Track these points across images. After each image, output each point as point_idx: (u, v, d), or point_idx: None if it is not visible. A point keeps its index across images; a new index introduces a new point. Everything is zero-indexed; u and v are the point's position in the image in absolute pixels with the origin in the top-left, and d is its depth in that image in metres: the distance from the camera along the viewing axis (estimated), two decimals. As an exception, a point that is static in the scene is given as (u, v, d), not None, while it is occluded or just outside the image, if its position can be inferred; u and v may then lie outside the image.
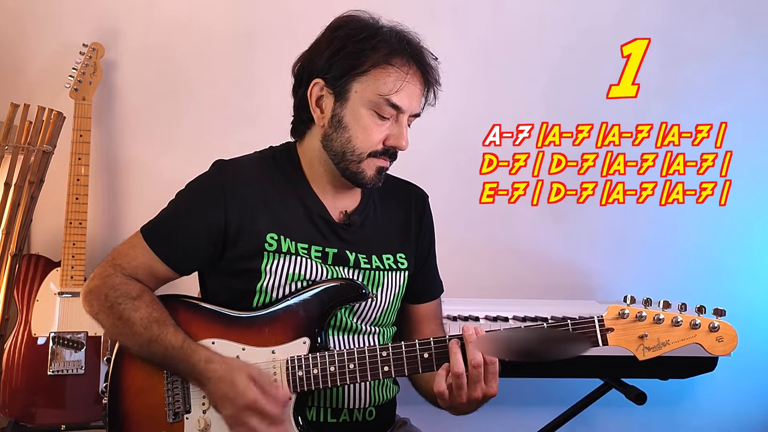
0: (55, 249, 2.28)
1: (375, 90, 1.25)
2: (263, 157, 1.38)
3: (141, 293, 1.27)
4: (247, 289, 1.29)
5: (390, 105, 1.25)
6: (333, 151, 1.30)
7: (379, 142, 1.28)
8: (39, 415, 2.17)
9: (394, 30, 1.29)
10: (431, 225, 1.49)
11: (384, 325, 1.39)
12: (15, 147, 2.07)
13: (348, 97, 1.27)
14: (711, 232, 2.46)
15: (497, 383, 1.17)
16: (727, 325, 1.16)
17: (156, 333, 1.22)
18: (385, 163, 1.31)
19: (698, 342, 1.17)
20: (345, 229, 1.35)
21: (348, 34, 1.26)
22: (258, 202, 1.30)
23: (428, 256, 1.47)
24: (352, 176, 1.30)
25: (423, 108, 1.33)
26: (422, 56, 1.28)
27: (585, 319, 1.19)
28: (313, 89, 1.29)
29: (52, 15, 2.40)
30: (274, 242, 1.28)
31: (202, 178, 1.34)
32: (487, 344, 1.15)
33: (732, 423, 2.50)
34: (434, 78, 1.31)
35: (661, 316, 1.17)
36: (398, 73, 1.25)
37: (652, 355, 1.17)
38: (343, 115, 1.27)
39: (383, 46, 1.25)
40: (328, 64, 1.27)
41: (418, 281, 1.44)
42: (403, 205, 1.45)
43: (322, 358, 1.22)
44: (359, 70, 1.25)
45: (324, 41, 1.30)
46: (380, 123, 1.27)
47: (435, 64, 1.31)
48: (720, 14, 2.44)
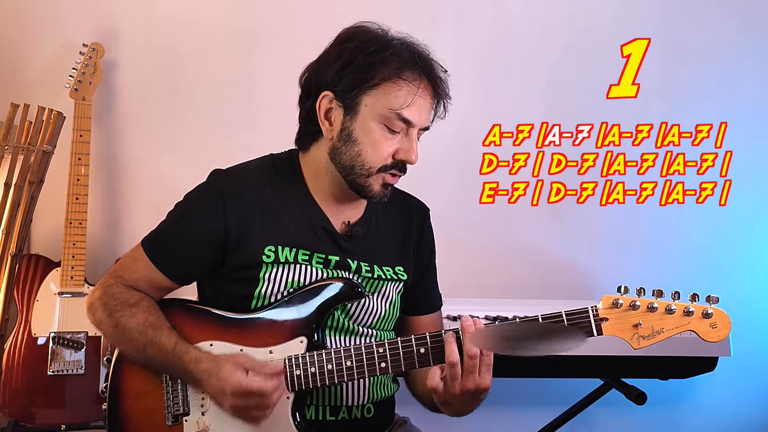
0: (55, 249, 2.28)
1: (386, 104, 1.24)
2: (263, 164, 1.38)
3: (139, 301, 1.28)
4: (246, 294, 1.29)
5: (401, 119, 1.24)
6: (341, 164, 1.29)
7: (388, 156, 1.27)
8: (39, 415, 2.18)
9: (405, 42, 1.27)
10: (431, 238, 1.49)
11: (381, 329, 1.39)
12: (15, 147, 2.07)
13: (358, 111, 1.26)
14: (711, 232, 2.46)
15: (491, 376, 1.17)
16: (720, 311, 1.17)
17: (151, 337, 1.23)
18: (394, 179, 1.30)
19: (692, 329, 1.17)
20: (347, 240, 1.35)
21: (358, 46, 1.25)
22: (257, 212, 1.30)
23: (428, 268, 1.47)
24: (359, 189, 1.30)
25: (433, 121, 1.32)
26: (433, 69, 1.27)
27: (579, 310, 1.19)
28: (322, 102, 1.28)
29: (52, 15, 2.40)
30: (271, 254, 1.28)
31: (200, 187, 1.34)
32: (483, 338, 1.16)
33: (732, 423, 2.50)
34: (444, 91, 1.30)
35: (654, 305, 1.17)
36: (409, 87, 1.24)
37: (647, 343, 1.18)
38: (353, 128, 1.26)
39: (394, 59, 1.24)
40: (337, 76, 1.25)
41: (417, 293, 1.44)
42: (404, 218, 1.44)
43: (319, 356, 1.22)
44: (370, 84, 1.24)
45: (333, 53, 1.28)
46: (390, 137, 1.26)
47: (445, 77, 1.30)
48: (720, 14, 2.44)
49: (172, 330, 1.24)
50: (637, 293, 1.19)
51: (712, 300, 1.17)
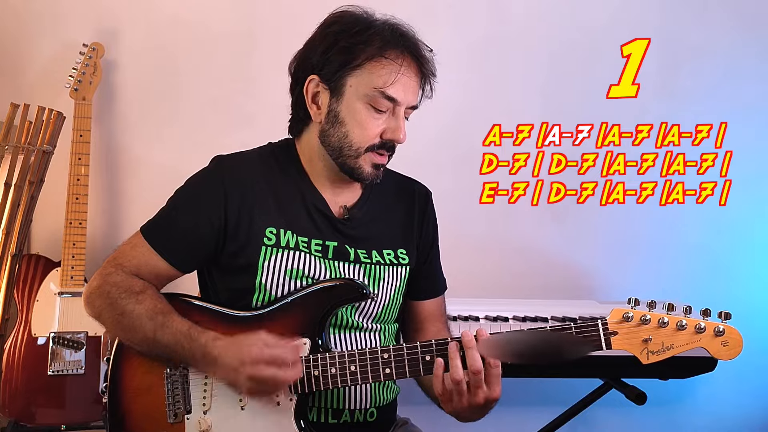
0: (55, 249, 2.28)
1: (370, 83, 1.25)
2: (262, 152, 1.39)
3: (144, 288, 1.27)
4: (246, 287, 1.28)
5: (385, 97, 1.25)
6: (331, 146, 1.30)
7: (376, 135, 1.27)
8: (39, 415, 2.17)
9: (388, 23, 1.29)
10: (434, 221, 1.48)
11: (385, 321, 1.39)
12: (15, 147, 2.07)
13: (343, 92, 1.27)
14: (711, 232, 2.46)
15: (500, 386, 1.16)
16: (732, 329, 1.14)
17: (162, 321, 1.22)
18: (383, 159, 1.31)
19: (703, 346, 1.15)
20: (345, 223, 1.35)
21: (341, 29, 1.27)
22: (258, 197, 1.31)
23: (431, 252, 1.47)
24: (350, 171, 1.30)
25: (420, 100, 1.32)
26: (417, 48, 1.28)
27: (589, 323, 1.17)
28: (309, 85, 1.30)
29: (52, 15, 2.40)
30: (273, 236, 1.29)
31: (201, 173, 1.35)
32: (491, 347, 1.15)
33: (732, 423, 2.50)
34: (430, 70, 1.30)
35: (665, 320, 1.15)
36: (392, 65, 1.25)
37: (656, 359, 1.15)
38: (339, 110, 1.27)
39: (376, 38, 1.25)
40: (322, 59, 1.27)
41: (420, 277, 1.44)
42: (405, 201, 1.44)
43: (323, 359, 1.21)
44: (353, 64, 1.25)
45: (318, 37, 1.30)
46: (377, 116, 1.26)
47: (430, 55, 1.30)
48: (720, 14, 2.44)
49: (182, 316, 1.23)
50: (648, 306, 1.17)
51: (723, 316, 1.14)
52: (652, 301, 1.17)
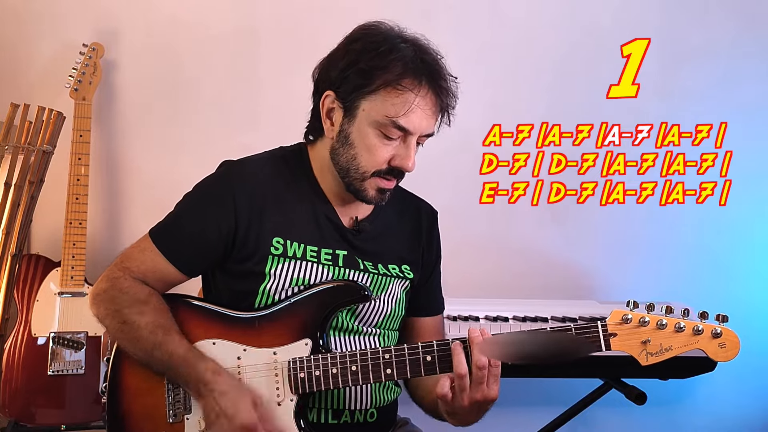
0: (55, 249, 2.28)
1: (382, 111, 1.22)
2: (273, 157, 1.37)
3: (148, 298, 1.26)
4: (250, 290, 1.28)
5: (396, 127, 1.23)
6: (339, 165, 1.29)
7: (384, 161, 1.26)
8: (39, 415, 2.17)
9: (414, 46, 1.25)
10: (438, 242, 1.48)
11: (386, 328, 1.39)
12: (15, 147, 2.07)
13: (356, 114, 1.25)
14: (711, 232, 2.46)
15: (498, 387, 1.17)
16: (729, 331, 1.17)
17: (160, 339, 1.21)
18: (389, 184, 1.29)
19: (701, 348, 1.17)
20: (354, 235, 1.35)
21: (364, 47, 1.24)
22: (267, 204, 1.30)
23: (433, 271, 1.47)
24: (354, 192, 1.30)
25: (438, 128, 1.30)
26: (437, 77, 1.24)
27: (588, 324, 1.19)
28: (325, 101, 1.28)
29: (52, 15, 2.40)
30: (280, 246, 1.28)
31: (210, 179, 1.34)
32: (491, 347, 1.16)
33: (732, 423, 2.50)
34: (447, 102, 1.27)
35: (663, 322, 1.17)
36: (408, 95, 1.21)
37: (654, 360, 1.17)
38: (350, 131, 1.26)
39: (397, 65, 1.21)
40: (341, 77, 1.25)
41: (420, 296, 1.44)
42: (413, 219, 1.44)
43: (324, 359, 1.22)
44: (368, 89, 1.22)
45: (340, 52, 1.27)
46: (387, 143, 1.25)
47: (452, 86, 1.27)
48: (720, 14, 2.44)
49: (182, 335, 1.23)
50: (647, 309, 1.18)
51: (721, 319, 1.17)
52: (651, 304, 1.19)
